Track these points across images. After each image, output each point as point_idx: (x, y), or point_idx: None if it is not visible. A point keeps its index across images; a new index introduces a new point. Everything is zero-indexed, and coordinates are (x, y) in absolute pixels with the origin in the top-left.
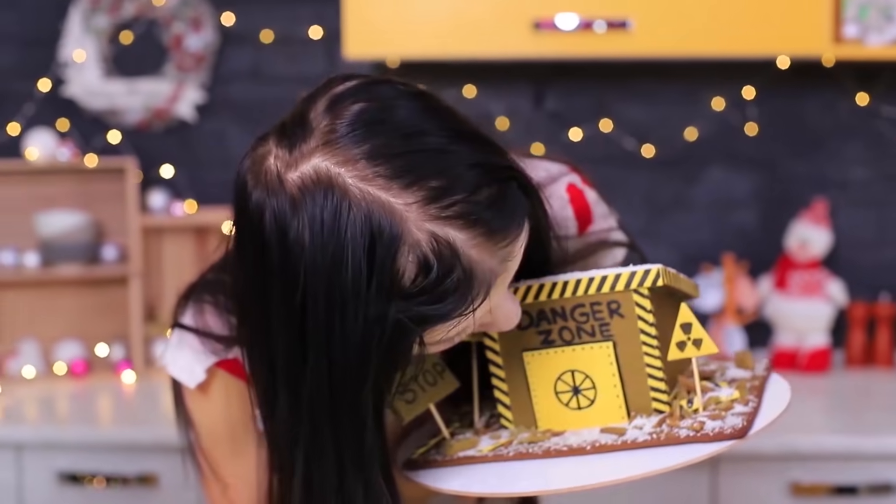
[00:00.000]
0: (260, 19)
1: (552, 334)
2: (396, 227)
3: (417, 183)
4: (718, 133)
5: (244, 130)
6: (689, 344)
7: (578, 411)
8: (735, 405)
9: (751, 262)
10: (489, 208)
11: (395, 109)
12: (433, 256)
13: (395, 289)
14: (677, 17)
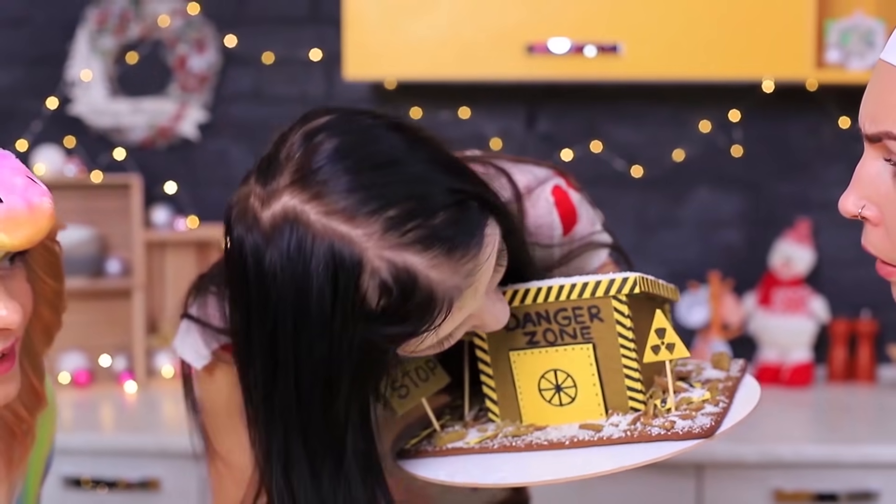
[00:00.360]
0: (261, 42)
1: (537, 335)
2: (356, 257)
3: (376, 213)
4: (705, 154)
5: (245, 149)
6: (662, 348)
7: (560, 408)
8: (706, 405)
9: (736, 280)
10: (446, 230)
11: (366, 144)
12: (393, 281)
13: (360, 312)
14: (666, 42)
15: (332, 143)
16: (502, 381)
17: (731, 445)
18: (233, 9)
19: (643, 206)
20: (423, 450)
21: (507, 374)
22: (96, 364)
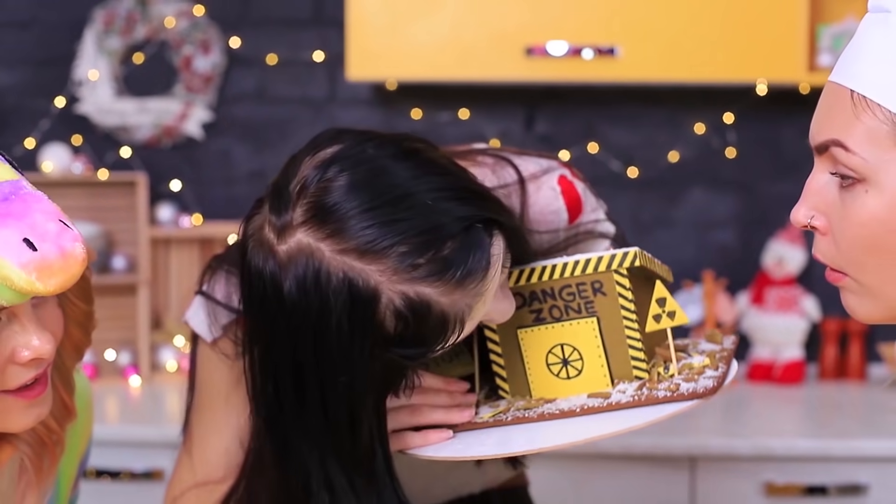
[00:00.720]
0: (265, 43)
1: (543, 312)
2: (371, 290)
3: (389, 250)
4: (699, 156)
5: (249, 149)
6: (664, 316)
7: (568, 380)
8: (706, 370)
9: (729, 279)
10: (455, 259)
11: (376, 177)
12: (407, 310)
13: (378, 337)
14: (662, 46)
15: (343, 180)
16: (511, 359)
17: (724, 439)
18: (237, 11)
19: (639, 206)
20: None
21: (515, 351)
22: (101, 358)
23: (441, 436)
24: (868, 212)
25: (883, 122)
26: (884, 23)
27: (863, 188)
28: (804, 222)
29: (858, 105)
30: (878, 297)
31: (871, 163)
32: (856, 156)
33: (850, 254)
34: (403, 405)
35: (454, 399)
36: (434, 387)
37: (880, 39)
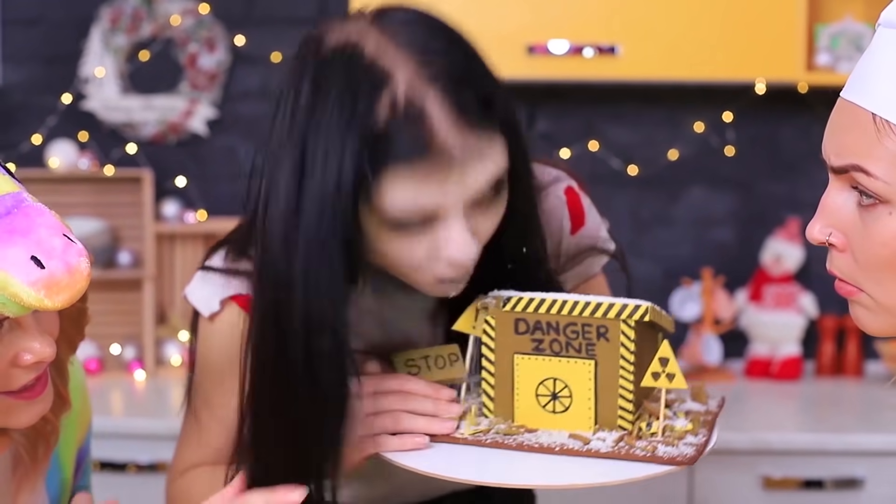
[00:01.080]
0: (270, 41)
1: (543, 344)
2: (388, 71)
3: (427, 56)
4: (699, 154)
5: (253, 145)
6: (662, 376)
7: (552, 415)
8: (687, 436)
9: (728, 276)
10: (470, 99)
11: (433, 19)
12: (404, 105)
13: (366, 123)
14: (662, 44)
15: (405, 12)
16: (502, 381)
17: (722, 433)
18: (242, 9)
19: (638, 204)
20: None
21: (508, 374)
22: (107, 353)
23: (417, 441)
24: (891, 232)
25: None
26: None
27: (886, 210)
28: (822, 239)
29: (882, 129)
30: (893, 314)
31: (894, 186)
32: (878, 180)
33: (869, 272)
34: (387, 410)
35: (438, 408)
36: (421, 392)
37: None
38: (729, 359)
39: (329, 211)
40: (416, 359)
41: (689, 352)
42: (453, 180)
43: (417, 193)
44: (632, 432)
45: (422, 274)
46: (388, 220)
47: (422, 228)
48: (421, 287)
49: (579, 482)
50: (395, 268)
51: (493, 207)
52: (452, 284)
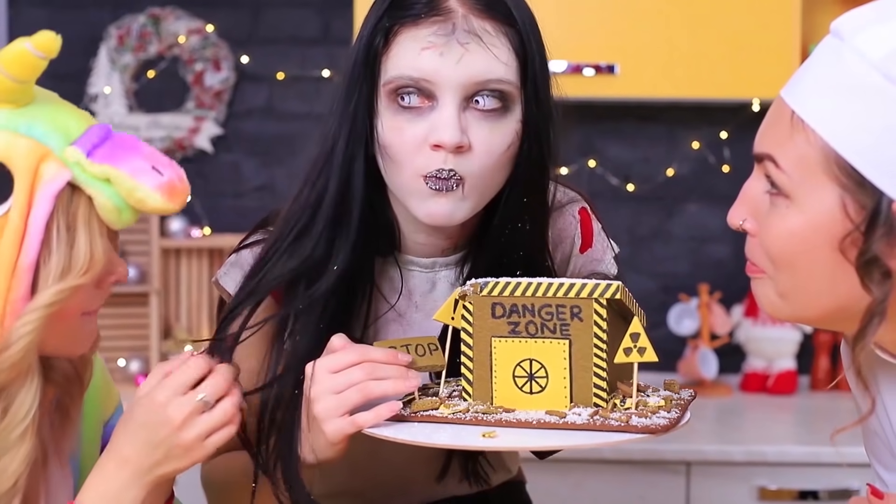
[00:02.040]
0: (274, 60)
1: (519, 326)
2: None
3: None
4: (695, 172)
5: (257, 163)
6: (634, 350)
7: (530, 395)
8: (660, 411)
9: (724, 292)
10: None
11: None
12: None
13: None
14: (660, 64)
15: None
16: (480, 364)
17: (719, 445)
18: (247, 29)
19: (636, 220)
20: (398, 413)
21: (486, 358)
22: (113, 366)
23: (392, 407)
24: (786, 226)
25: (813, 148)
26: (836, 51)
27: (785, 203)
28: (737, 224)
29: (796, 126)
30: (786, 301)
31: (796, 182)
32: (784, 173)
33: (770, 258)
34: (350, 383)
35: (399, 370)
36: (379, 359)
37: (827, 68)
38: (725, 373)
39: (353, 92)
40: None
41: (686, 366)
42: (452, 53)
43: (418, 56)
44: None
45: (412, 170)
46: (393, 90)
47: (418, 114)
48: (413, 205)
49: (556, 444)
50: (395, 163)
51: (496, 125)
52: (436, 192)
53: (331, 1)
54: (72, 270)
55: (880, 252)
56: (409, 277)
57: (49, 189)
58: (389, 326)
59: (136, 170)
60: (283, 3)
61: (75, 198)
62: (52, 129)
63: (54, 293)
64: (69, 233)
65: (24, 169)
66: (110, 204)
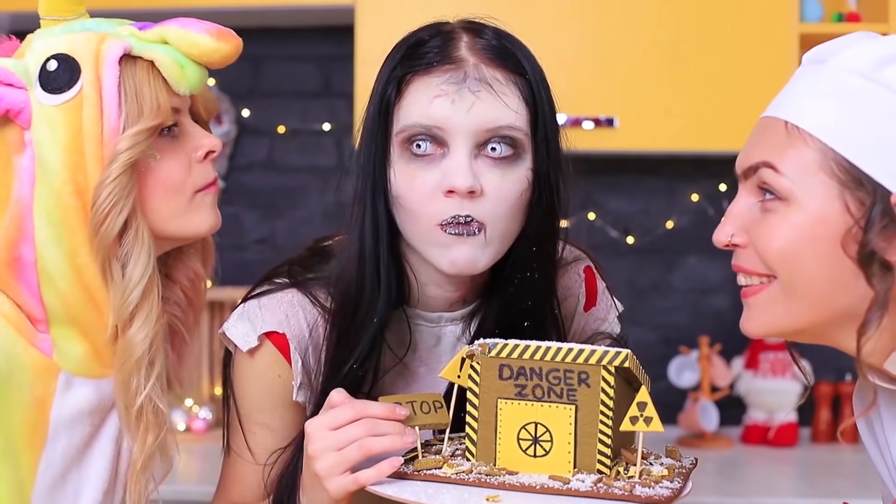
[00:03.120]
0: (275, 114)
1: (526, 389)
2: (446, 25)
3: (484, 31)
4: (694, 223)
5: (258, 215)
6: (640, 420)
7: (533, 458)
8: (664, 480)
9: (724, 344)
10: (506, 53)
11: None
12: (444, 31)
13: (409, 42)
14: (658, 117)
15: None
16: (485, 425)
17: (720, 498)
18: (248, 82)
19: (636, 272)
20: (401, 471)
21: (491, 419)
22: None
23: (394, 464)
24: (789, 225)
25: (813, 151)
26: (819, 69)
27: (783, 205)
28: (725, 241)
29: (792, 133)
30: (774, 310)
31: (797, 184)
32: (784, 177)
33: (768, 262)
34: (350, 440)
35: (398, 426)
36: (379, 414)
37: (814, 81)
38: (726, 425)
39: (370, 144)
40: (403, 403)
41: (686, 419)
42: (464, 101)
43: (430, 104)
44: (610, 475)
45: (427, 218)
46: (406, 139)
47: (431, 162)
48: (434, 255)
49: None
50: (409, 213)
51: (507, 172)
52: (456, 237)
53: (331, 55)
54: (141, 116)
55: (878, 247)
56: (414, 331)
57: (111, 57)
58: (395, 380)
59: (184, 23)
60: (283, 57)
61: (138, 65)
62: (105, 22)
63: (129, 136)
64: (136, 95)
65: (86, 52)
66: (169, 59)
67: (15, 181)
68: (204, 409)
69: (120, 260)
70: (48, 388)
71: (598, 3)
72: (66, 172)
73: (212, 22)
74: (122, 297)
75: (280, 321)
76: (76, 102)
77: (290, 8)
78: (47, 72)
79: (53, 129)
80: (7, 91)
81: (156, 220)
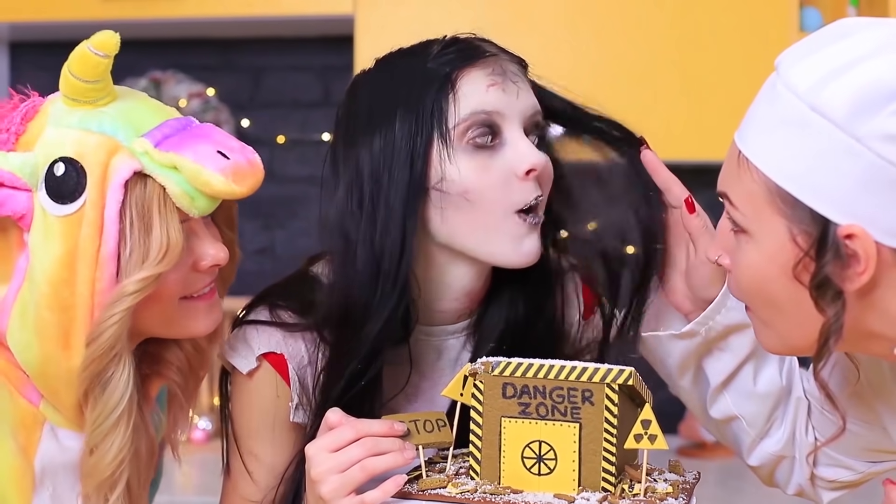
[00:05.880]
0: (275, 124)
1: (530, 407)
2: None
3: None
4: None
5: (257, 225)
6: (645, 437)
7: (538, 477)
8: (668, 497)
9: None
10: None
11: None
12: (446, 40)
13: (427, 55)
14: (657, 127)
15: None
16: (489, 444)
17: None
18: (248, 93)
19: None
20: (405, 490)
21: (495, 437)
22: None
23: (398, 481)
24: (748, 261)
25: (758, 184)
26: (773, 87)
27: (745, 238)
28: (713, 258)
29: (742, 165)
30: (772, 331)
31: (749, 218)
32: (738, 210)
33: (742, 294)
34: (352, 461)
35: (398, 442)
36: (378, 432)
37: (766, 105)
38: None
39: (415, 142)
40: (406, 422)
41: (687, 428)
42: (510, 89)
43: (486, 93)
44: (615, 493)
45: (504, 208)
46: (465, 129)
47: (492, 150)
48: (505, 247)
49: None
50: (479, 206)
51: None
52: (532, 226)
53: (331, 65)
54: (149, 257)
55: (832, 274)
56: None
57: (118, 178)
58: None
59: (200, 154)
60: (283, 67)
61: (148, 187)
62: (121, 123)
63: (136, 282)
64: (143, 221)
65: (95, 163)
66: (179, 190)
67: (14, 279)
68: (203, 420)
69: (97, 387)
70: (31, 437)
71: (596, 14)
72: (50, 287)
73: (232, 142)
74: (93, 424)
75: (278, 342)
76: (76, 218)
77: (289, 18)
78: (54, 176)
79: (49, 240)
80: (11, 195)
81: (143, 326)
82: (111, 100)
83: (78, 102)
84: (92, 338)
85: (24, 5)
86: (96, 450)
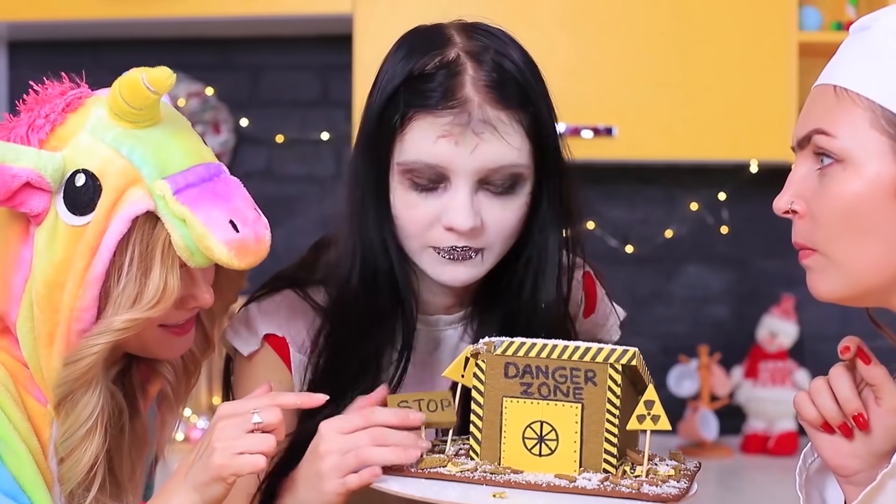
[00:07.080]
0: (274, 123)
1: (532, 387)
2: (449, 42)
3: (488, 41)
4: (694, 233)
5: None
6: (647, 418)
7: (539, 457)
8: (670, 480)
9: (724, 353)
10: (509, 78)
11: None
12: (449, 61)
13: (413, 67)
14: (658, 126)
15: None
16: (490, 424)
17: None
18: (247, 92)
19: (635, 281)
20: (405, 469)
21: (496, 417)
22: None
23: (374, 472)
24: (847, 188)
25: (861, 108)
26: (864, 35)
27: (841, 168)
28: (785, 208)
29: (840, 96)
30: (843, 271)
31: (849, 145)
32: (836, 139)
33: (825, 228)
34: (352, 447)
35: (408, 437)
36: (392, 422)
37: (860, 44)
38: (726, 434)
39: (370, 158)
40: (410, 401)
41: (686, 428)
42: (467, 142)
43: (434, 145)
44: (616, 474)
45: (423, 242)
46: (406, 171)
47: (431, 192)
48: (426, 266)
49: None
50: (407, 235)
51: (507, 203)
52: (453, 266)
53: (330, 64)
54: (142, 300)
55: None
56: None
57: (127, 213)
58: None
59: (211, 219)
60: (282, 67)
61: (157, 229)
62: (151, 158)
63: (124, 321)
64: (144, 261)
65: (112, 187)
66: (183, 244)
67: (20, 270)
68: (202, 419)
69: (68, 404)
70: (44, 436)
71: (596, 13)
72: (45, 288)
73: (248, 211)
74: (63, 435)
75: (279, 324)
76: (81, 231)
77: (288, 17)
78: (74, 185)
79: (53, 242)
80: (34, 194)
81: (119, 343)
82: (152, 124)
83: (119, 118)
84: (70, 360)
85: (23, 4)
86: (68, 458)
